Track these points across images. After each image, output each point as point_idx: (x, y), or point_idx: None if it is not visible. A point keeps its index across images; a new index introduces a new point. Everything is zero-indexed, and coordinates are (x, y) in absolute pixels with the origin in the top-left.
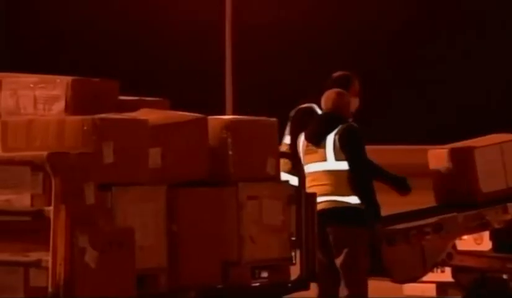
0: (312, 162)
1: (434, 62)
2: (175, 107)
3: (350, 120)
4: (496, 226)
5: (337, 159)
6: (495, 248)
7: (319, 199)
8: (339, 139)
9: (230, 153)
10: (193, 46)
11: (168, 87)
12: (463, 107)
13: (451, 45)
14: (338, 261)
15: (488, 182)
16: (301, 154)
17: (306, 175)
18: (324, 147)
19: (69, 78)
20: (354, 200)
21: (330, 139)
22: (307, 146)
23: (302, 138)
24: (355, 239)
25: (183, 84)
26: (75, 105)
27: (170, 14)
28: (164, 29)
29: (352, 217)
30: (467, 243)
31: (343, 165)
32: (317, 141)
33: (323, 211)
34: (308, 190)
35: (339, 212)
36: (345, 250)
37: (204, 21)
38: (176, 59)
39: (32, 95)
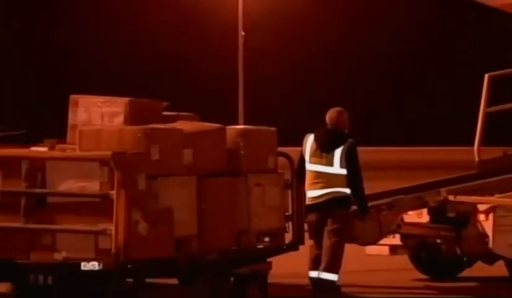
0: (319, 164)
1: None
2: (202, 119)
3: (346, 131)
4: (432, 204)
5: (341, 167)
6: (431, 220)
7: (322, 191)
8: (345, 153)
9: (242, 152)
10: (213, 72)
11: (195, 103)
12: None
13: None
14: (330, 231)
15: None
16: (307, 153)
17: (310, 171)
18: (332, 156)
19: (126, 99)
20: (348, 191)
21: (338, 152)
22: (316, 149)
23: (310, 141)
24: (346, 217)
25: (207, 100)
26: (131, 119)
27: (193, 43)
28: (189, 60)
29: (347, 203)
30: (411, 216)
31: (344, 171)
32: (326, 150)
33: (326, 202)
34: (314, 185)
35: (340, 199)
36: (338, 224)
37: (219, 48)
38: (200, 82)
39: (100, 111)
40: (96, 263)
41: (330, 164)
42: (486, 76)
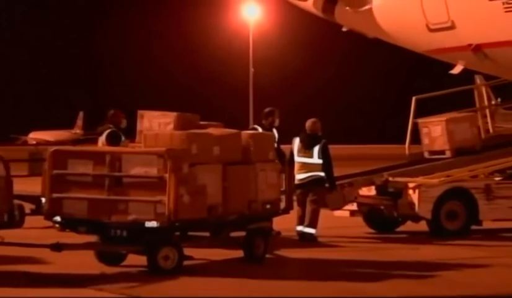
0: (303, 157)
1: None
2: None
3: (320, 134)
4: (378, 183)
5: (318, 158)
6: (377, 193)
7: (306, 175)
8: (321, 149)
9: (251, 149)
10: (229, 92)
11: (220, 115)
12: None
13: None
14: (311, 200)
15: None
16: (295, 150)
17: (298, 162)
18: (312, 152)
19: (175, 113)
20: (323, 174)
21: (316, 149)
22: (301, 147)
23: (296, 142)
24: (321, 192)
25: (228, 113)
26: (178, 126)
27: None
28: (208, 89)
29: (322, 182)
30: (364, 191)
31: (320, 161)
32: (308, 148)
33: (308, 182)
34: (300, 170)
35: (317, 179)
36: (316, 196)
37: (233, 71)
38: (223, 98)
39: (157, 121)
40: (155, 222)
41: (311, 156)
42: (413, 98)
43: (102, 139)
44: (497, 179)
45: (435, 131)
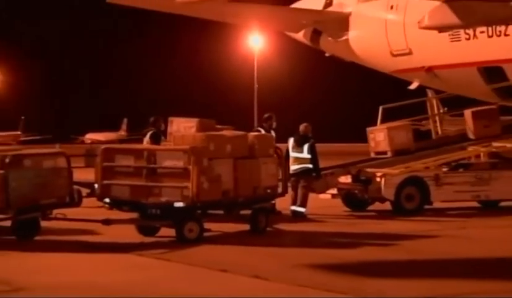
0: (296, 152)
1: None
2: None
3: (310, 135)
4: (353, 173)
5: (307, 153)
6: (353, 180)
7: (298, 166)
8: (310, 147)
9: (256, 146)
10: (237, 106)
11: (231, 120)
12: None
13: None
14: (301, 186)
15: None
16: (290, 147)
17: (292, 156)
18: (303, 148)
19: (197, 119)
20: (310, 166)
21: (306, 146)
22: (294, 145)
23: (291, 140)
24: (309, 179)
25: (237, 120)
26: (200, 129)
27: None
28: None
29: (310, 172)
30: (342, 179)
31: (309, 156)
32: (300, 145)
33: (300, 172)
34: (294, 163)
35: (307, 170)
36: (305, 183)
37: (241, 87)
38: (231, 111)
39: (183, 125)
40: (181, 203)
41: (302, 152)
42: (380, 108)
43: (147, 138)
44: (444, 169)
45: (379, 136)
